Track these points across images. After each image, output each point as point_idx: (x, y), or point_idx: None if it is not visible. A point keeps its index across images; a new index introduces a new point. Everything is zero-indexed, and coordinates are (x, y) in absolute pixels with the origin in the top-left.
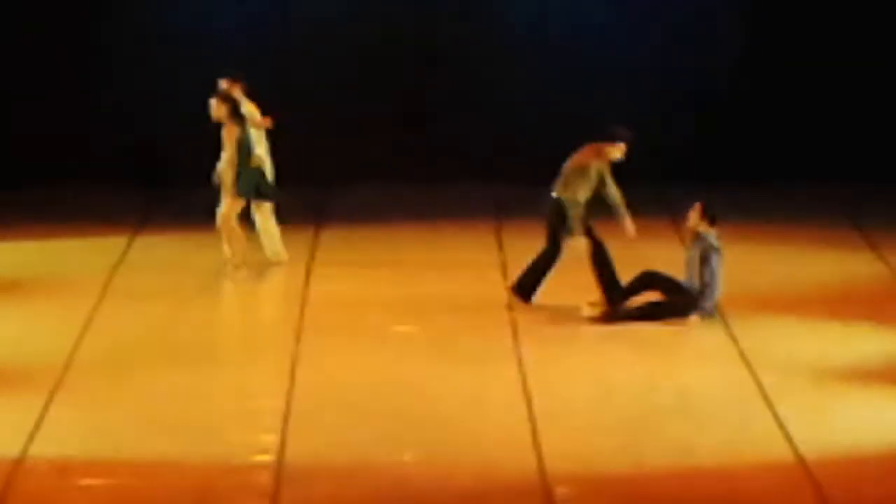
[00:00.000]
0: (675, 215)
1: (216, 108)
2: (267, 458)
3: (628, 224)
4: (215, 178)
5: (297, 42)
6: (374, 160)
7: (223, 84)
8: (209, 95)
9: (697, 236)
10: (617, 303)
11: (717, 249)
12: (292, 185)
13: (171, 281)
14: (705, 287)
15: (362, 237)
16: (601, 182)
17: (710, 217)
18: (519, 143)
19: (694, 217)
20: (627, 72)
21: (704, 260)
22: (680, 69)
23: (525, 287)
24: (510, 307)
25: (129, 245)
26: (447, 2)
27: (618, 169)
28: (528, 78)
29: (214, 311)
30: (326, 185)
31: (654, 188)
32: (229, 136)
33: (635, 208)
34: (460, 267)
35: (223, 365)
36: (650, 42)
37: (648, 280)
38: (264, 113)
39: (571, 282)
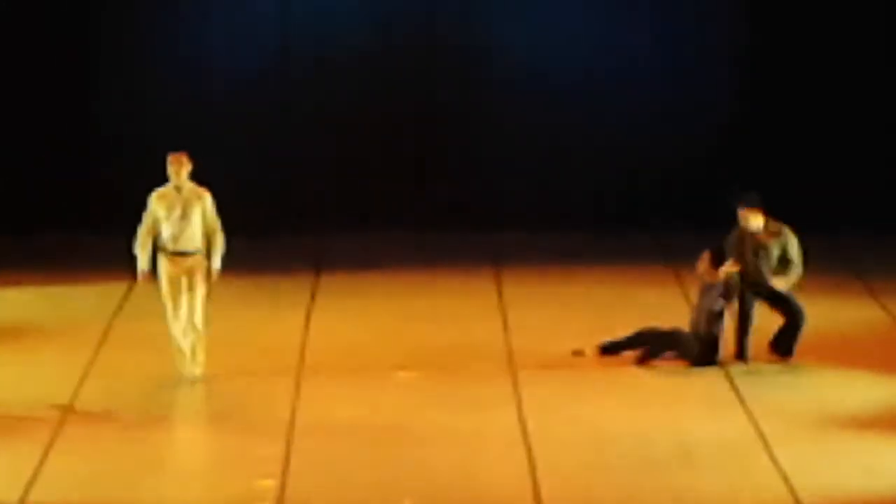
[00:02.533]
0: (675, 263)
1: None
2: (266, 503)
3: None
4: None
5: (299, 89)
6: (374, 207)
7: None
8: (212, 148)
9: (706, 286)
10: (611, 354)
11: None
12: (293, 231)
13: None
14: (715, 340)
15: (362, 284)
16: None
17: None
18: (518, 190)
19: (702, 265)
20: (626, 122)
21: (715, 314)
22: (681, 122)
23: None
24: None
25: (129, 291)
26: (447, 52)
27: (618, 218)
28: (526, 126)
29: (213, 357)
30: (327, 232)
31: (653, 235)
32: None
33: (635, 256)
34: (460, 313)
35: (222, 410)
36: (650, 93)
37: (646, 337)
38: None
39: (572, 328)
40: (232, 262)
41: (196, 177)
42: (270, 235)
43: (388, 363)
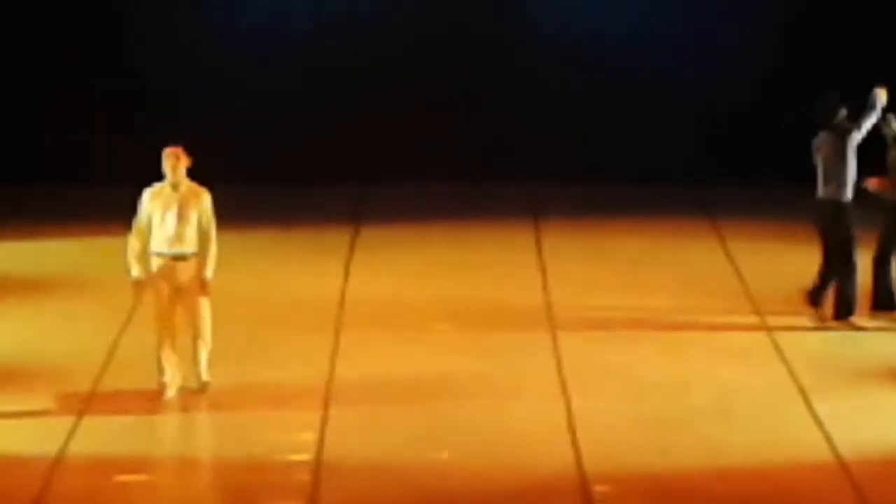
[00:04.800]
0: (714, 215)
1: None
2: (305, 456)
3: None
4: None
5: (333, 40)
6: (412, 159)
7: None
8: (251, 99)
9: None
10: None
11: None
12: (331, 182)
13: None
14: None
15: (400, 236)
16: None
17: None
18: (557, 142)
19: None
20: (660, 71)
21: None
22: (721, 73)
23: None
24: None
25: None
26: (486, 3)
27: (657, 170)
28: (565, 77)
29: (252, 309)
30: (365, 184)
31: (693, 188)
32: None
33: (674, 208)
34: (498, 265)
35: (261, 363)
36: (684, 44)
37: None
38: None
39: (610, 280)
40: (271, 214)
41: (237, 128)
42: (309, 186)
43: (426, 315)
